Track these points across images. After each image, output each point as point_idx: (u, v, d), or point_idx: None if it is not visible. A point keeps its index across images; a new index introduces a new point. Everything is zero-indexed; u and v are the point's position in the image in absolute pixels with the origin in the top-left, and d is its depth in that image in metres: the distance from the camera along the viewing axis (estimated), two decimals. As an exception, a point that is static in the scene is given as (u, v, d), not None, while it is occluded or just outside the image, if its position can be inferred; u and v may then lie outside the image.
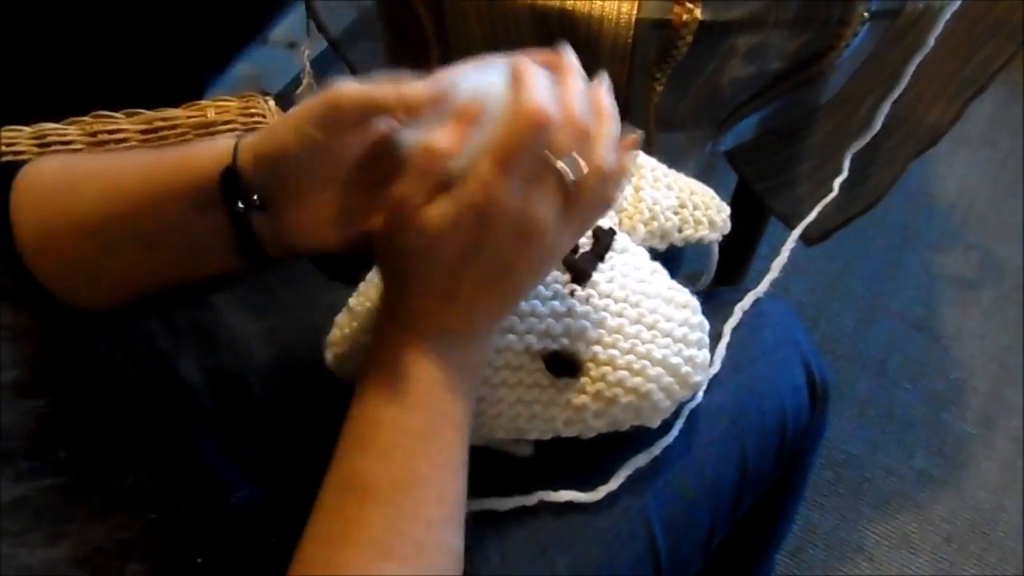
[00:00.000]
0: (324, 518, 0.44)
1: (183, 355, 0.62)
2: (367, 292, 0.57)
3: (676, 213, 0.61)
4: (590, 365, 0.54)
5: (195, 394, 0.62)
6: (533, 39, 0.78)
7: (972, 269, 1.44)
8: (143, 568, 0.35)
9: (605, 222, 0.58)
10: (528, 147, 0.41)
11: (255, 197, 0.45)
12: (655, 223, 0.60)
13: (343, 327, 0.58)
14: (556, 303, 0.54)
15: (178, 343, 0.63)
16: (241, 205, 0.45)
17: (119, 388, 0.50)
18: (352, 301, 0.58)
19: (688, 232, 0.61)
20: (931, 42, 0.79)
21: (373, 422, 0.45)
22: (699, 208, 0.62)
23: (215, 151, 0.46)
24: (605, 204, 0.47)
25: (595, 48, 0.75)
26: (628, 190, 0.61)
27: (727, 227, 0.64)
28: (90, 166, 0.49)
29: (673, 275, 0.60)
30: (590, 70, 0.76)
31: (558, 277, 0.55)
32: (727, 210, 0.64)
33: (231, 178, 0.45)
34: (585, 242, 0.56)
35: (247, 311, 0.66)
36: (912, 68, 0.80)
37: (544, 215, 0.43)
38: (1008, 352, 1.35)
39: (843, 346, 1.35)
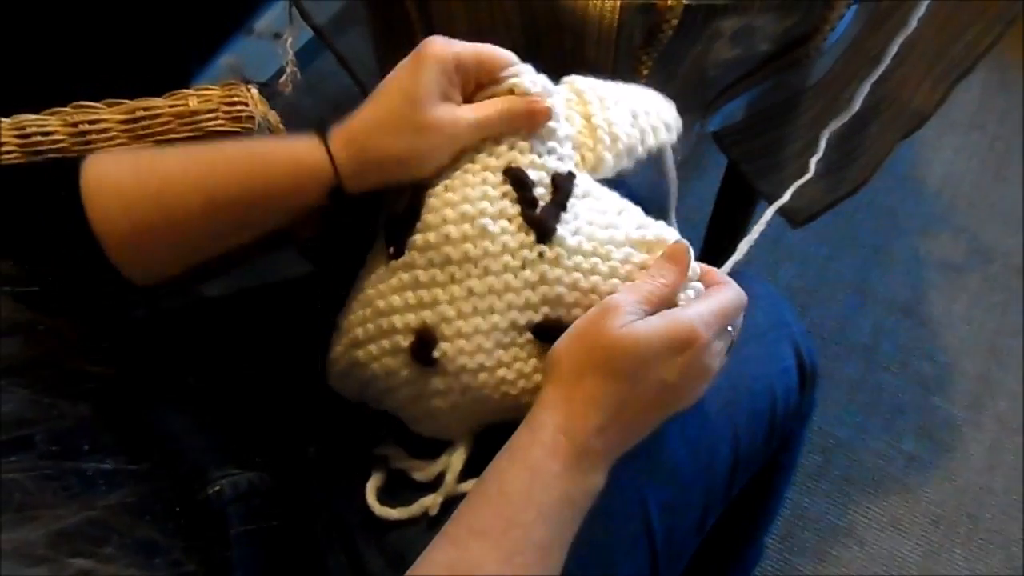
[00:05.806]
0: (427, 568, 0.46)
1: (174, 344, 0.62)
2: (351, 307, 0.57)
3: (633, 126, 0.57)
4: None
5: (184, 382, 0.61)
6: (518, 24, 0.78)
7: (959, 253, 1.45)
8: (117, 549, 0.35)
9: (563, 165, 0.55)
10: (737, 314, 0.53)
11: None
12: (619, 145, 0.57)
13: (335, 345, 0.57)
14: (527, 273, 0.53)
15: (170, 334, 0.62)
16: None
17: (108, 379, 0.50)
18: (340, 319, 0.57)
19: (650, 141, 0.57)
20: (914, 23, 0.79)
21: (503, 519, 0.47)
22: (650, 113, 0.58)
23: (307, 149, 0.52)
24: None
25: (580, 33, 0.74)
26: (579, 121, 0.57)
27: (680, 123, 0.61)
28: (175, 166, 0.53)
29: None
30: (576, 55, 0.77)
31: (523, 241, 0.53)
32: (672, 106, 0.60)
33: (337, 195, 0.52)
34: (543, 192, 0.54)
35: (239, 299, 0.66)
36: (895, 48, 0.79)
37: (717, 364, 0.51)
38: (995, 336, 1.36)
39: (832, 331, 1.35)
